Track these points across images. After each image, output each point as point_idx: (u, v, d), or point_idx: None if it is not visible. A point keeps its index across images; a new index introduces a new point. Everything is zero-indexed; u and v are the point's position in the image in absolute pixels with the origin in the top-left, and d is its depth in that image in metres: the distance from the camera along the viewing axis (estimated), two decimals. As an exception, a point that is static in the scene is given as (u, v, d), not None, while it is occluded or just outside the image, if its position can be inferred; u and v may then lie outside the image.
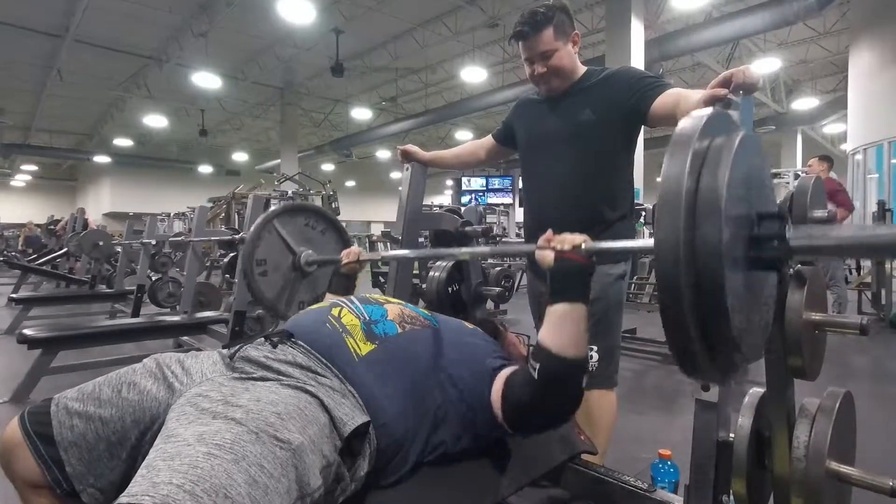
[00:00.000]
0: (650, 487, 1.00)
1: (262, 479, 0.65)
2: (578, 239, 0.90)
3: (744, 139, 0.58)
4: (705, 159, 0.57)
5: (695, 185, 0.55)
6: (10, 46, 9.32)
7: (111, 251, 5.55)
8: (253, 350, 0.90)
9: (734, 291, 0.55)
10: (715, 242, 0.53)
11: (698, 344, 0.57)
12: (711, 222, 0.54)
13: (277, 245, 1.60)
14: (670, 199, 0.55)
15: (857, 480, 0.83)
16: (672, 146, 0.58)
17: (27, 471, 0.80)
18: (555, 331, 0.88)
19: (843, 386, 0.90)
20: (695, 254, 0.54)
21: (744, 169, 0.58)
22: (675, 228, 0.54)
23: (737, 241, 0.57)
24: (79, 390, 0.86)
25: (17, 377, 2.63)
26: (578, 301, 0.88)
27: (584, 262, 0.89)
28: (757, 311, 0.64)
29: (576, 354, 0.87)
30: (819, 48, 10.24)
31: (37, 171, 21.00)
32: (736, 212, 0.56)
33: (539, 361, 0.87)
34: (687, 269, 0.54)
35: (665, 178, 0.56)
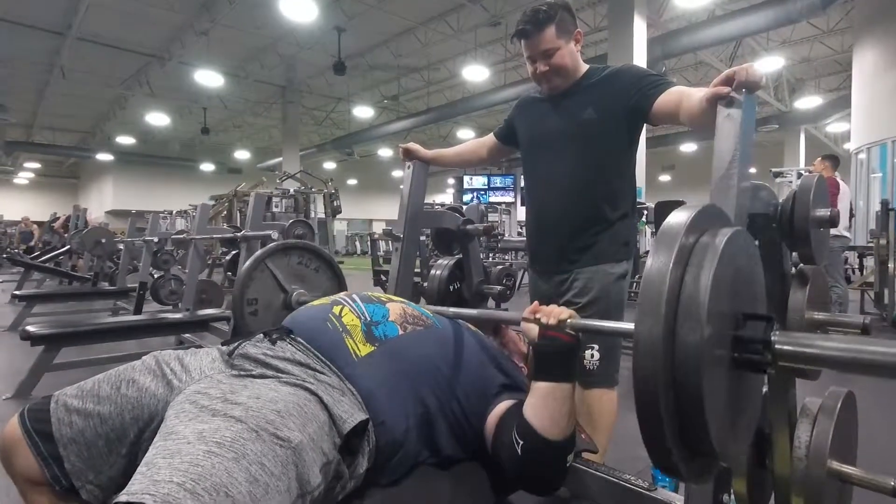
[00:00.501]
0: (651, 486, 1.00)
1: (262, 478, 0.65)
2: (565, 314, 0.87)
3: (733, 236, 0.57)
4: (690, 257, 0.56)
5: (679, 282, 0.54)
6: (12, 44, 9.34)
7: (113, 249, 5.57)
8: (252, 347, 0.90)
9: (714, 394, 0.54)
10: (696, 344, 0.52)
11: (675, 447, 0.55)
12: (693, 323, 0.52)
13: (270, 284, 1.60)
14: (652, 295, 0.54)
15: (858, 480, 0.83)
16: (658, 240, 0.57)
17: (27, 468, 0.80)
18: (539, 409, 0.85)
19: (845, 386, 0.90)
20: (674, 353, 0.53)
21: (731, 267, 0.57)
22: (655, 325, 0.53)
23: (719, 342, 0.56)
24: (78, 387, 0.86)
25: (20, 374, 2.64)
26: (562, 381, 0.86)
27: (568, 340, 0.86)
28: (741, 413, 0.63)
29: (558, 435, 0.84)
30: (822, 46, 10.21)
31: (39, 168, 21.06)
32: (720, 311, 0.55)
33: (522, 439, 0.84)
34: (665, 368, 0.53)
35: (648, 273, 0.56)
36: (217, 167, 19.01)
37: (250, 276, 1.56)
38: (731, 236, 0.57)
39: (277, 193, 8.78)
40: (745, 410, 0.64)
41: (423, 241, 4.39)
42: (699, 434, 0.55)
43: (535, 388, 0.87)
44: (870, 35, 6.83)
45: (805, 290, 0.87)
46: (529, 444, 0.84)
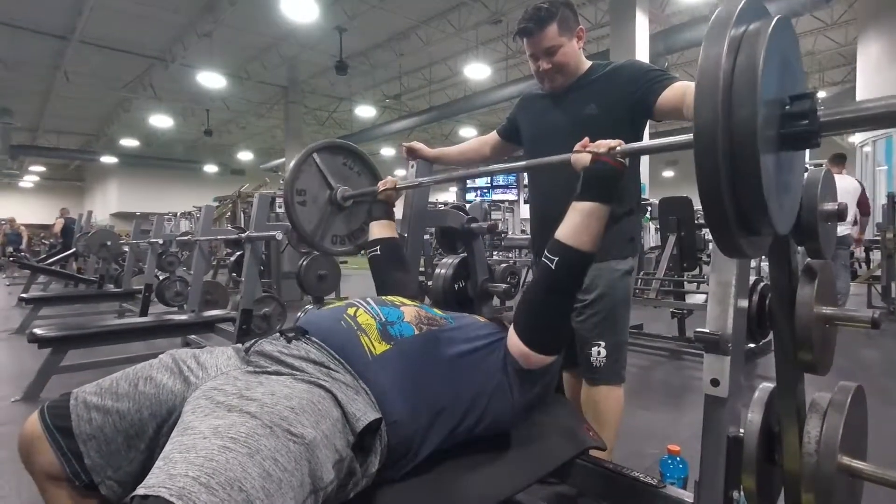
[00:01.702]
0: (659, 483, 1.00)
1: (276, 473, 0.66)
2: (613, 143, 0.96)
3: (778, 23, 0.60)
4: (741, 44, 0.59)
5: (731, 69, 0.57)
6: (17, 48, 9.39)
7: (119, 251, 5.60)
8: (268, 345, 0.91)
9: (768, 169, 0.58)
10: (750, 124, 0.55)
11: (734, 220, 0.60)
12: (748, 103, 0.56)
13: (317, 178, 1.63)
14: (708, 82, 0.57)
15: (868, 475, 0.82)
16: (710, 31, 0.60)
17: (47, 463, 0.81)
18: (579, 227, 0.96)
19: (855, 380, 0.89)
20: (732, 133, 0.56)
21: (778, 52, 0.60)
22: (713, 111, 0.56)
23: (771, 120, 0.59)
24: (97, 385, 0.87)
25: (29, 376, 2.66)
26: (605, 202, 0.96)
27: (617, 165, 0.96)
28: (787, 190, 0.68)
29: (591, 249, 0.97)
30: (826, 39, 10.13)
31: (45, 171, 21.20)
32: (770, 93, 0.58)
33: (557, 255, 0.95)
34: (724, 147, 0.56)
35: (703, 62, 0.58)
36: (220, 168, 19.07)
37: (300, 168, 1.59)
38: (775, 23, 0.60)
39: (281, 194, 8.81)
40: (791, 187, 0.69)
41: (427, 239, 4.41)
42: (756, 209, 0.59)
43: (578, 208, 0.97)
44: (874, 27, 6.77)
45: (813, 285, 0.86)
46: (566, 257, 0.95)
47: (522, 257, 7.57)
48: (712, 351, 0.82)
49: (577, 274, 0.98)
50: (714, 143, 0.57)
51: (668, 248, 4.24)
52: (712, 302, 0.84)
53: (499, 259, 6.56)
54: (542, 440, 1.07)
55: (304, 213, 1.59)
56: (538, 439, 1.06)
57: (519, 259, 7.41)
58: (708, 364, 0.82)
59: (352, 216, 1.70)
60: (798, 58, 0.70)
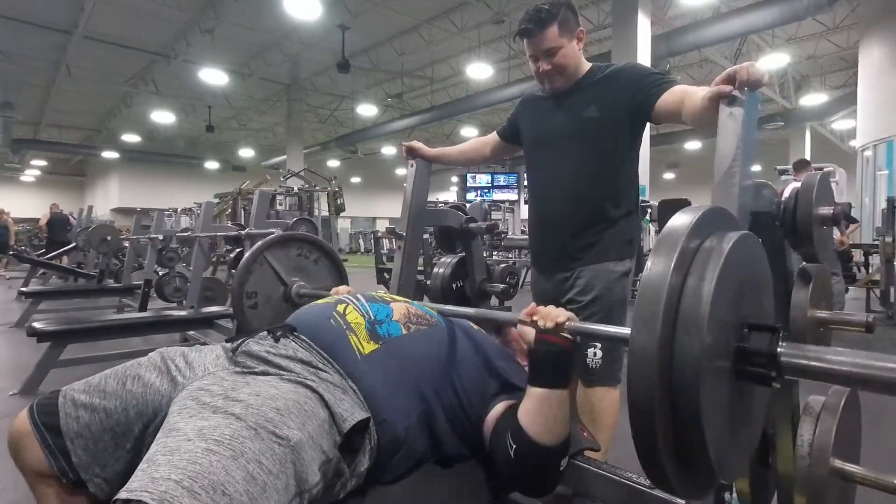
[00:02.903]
0: (652, 484, 1.00)
1: (260, 476, 0.65)
2: (562, 317, 0.84)
3: (739, 241, 0.54)
4: (693, 262, 0.53)
5: (679, 289, 0.51)
6: (19, 42, 9.40)
7: (119, 246, 5.60)
8: (255, 344, 0.91)
9: (713, 408, 0.51)
10: (695, 353, 0.49)
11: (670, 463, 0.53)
12: (693, 331, 0.50)
13: (269, 276, 1.59)
14: (650, 301, 0.51)
15: (861, 479, 0.83)
16: (658, 243, 0.54)
17: (35, 461, 0.82)
18: (532, 415, 0.84)
19: (849, 384, 0.90)
20: (672, 363, 0.50)
21: (736, 274, 0.54)
22: (652, 333, 0.50)
23: (721, 353, 0.53)
24: (85, 382, 0.87)
25: (27, 369, 2.66)
26: (557, 387, 0.84)
27: (565, 345, 0.84)
28: (743, 428, 0.60)
29: (551, 441, 0.83)
30: (828, 43, 10.12)
31: (46, 166, 21.18)
32: (722, 320, 0.52)
33: (515, 443, 0.84)
34: (661, 379, 0.50)
35: (646, 277, 0.52)
36: (222, 165, 19.06)
37: (249, 270, 1.56)
38: (736, 241, 0.54)
39: (281, 191, 8.82)
40: (747, 424, 0.61)
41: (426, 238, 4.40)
42: (696, 449, 0.52)
43: (531, 394, 0.86)
44: (876, 31, 6.76)
45: (808, 289, 0.87)
46: (522, 448, 0.83)
47: (522, 257, 7.57)
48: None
49: (536, 468, 0.85)
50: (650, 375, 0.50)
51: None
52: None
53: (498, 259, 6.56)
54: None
55: (255, 315, 1.54)
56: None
57: (519, 259, 7.41)
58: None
59: None
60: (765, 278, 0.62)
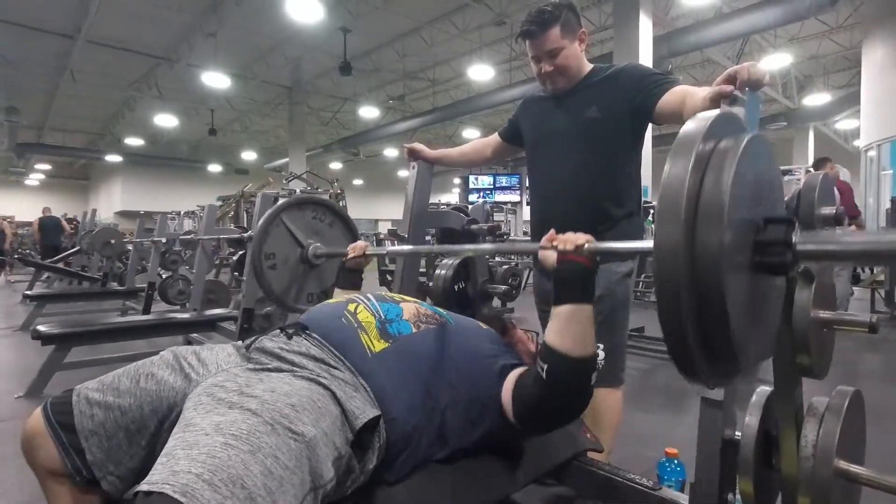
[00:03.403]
0: (655, 485, 1.00)
1: (277, 471, 0.66)
2: (581, 239, 0.90)
3: (751, 141, 0.56)
4: (709, 162, 0.55)
5: (697, 188, 0.54)
6: (23, 47, 9.45)
7: (123, 249, 5.62)
8: (268, 341, 0.92)
9: (735, 298, 0.54)
10: (716, 247, 0.52)
11: (697, 350, 0.55)
12: (713, 227, 0.52)
13: (286, 238, 1.61)
14: (671, 202, 0.53)
15: (866, 480, 0.82)
16: (675, 148, 0.56)
17: (49, 459, 0.82)
18: (561, 332, 0.88)
19: (854, 385, 0.89)
20: (695, 259, 0.52)
21: (750, 172, 0.56)
22: (676, 232, 0.53)
23: (740, 246, 0.55)
24: (99, 381, 0.88)
25: (32, 372, 2.68)
26: (583, 302, 0.89)
27: (587, 263, 0.88)
28: (761, 316, 0.62)
29: (582, 354, 0.87)
30: (831, 43, 10.09)
31: (50, 170, 21.30)
32: (740, 216, 0.54)
33: (546, 363, 0.87)
34: (687, 273, 0.53)
35: (666, 180, 0.55)
36: (224, 168, 19.12)
37: (266, 231, 1.57)
38: (749, 141, 0.56)
39: (284, 194, 8.83)
40: (766, 315, 0.64)
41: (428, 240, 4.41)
42: (721, 336, 0.55)
43: (557, 313, 0.90)
44: (879, 31, 6.74)
45: (811, 289, 0.86)
46: (554, 365, 0.87)
47: (524, 259, 7.56)
48: (708, 354, 0.82)
49: (570, 381, 0.89)
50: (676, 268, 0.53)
51: (670, 251, 4.22)
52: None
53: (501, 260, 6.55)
54: (540, 441, 1.07)
55: (274, 276, 1.57)
56: (535, 440, 1.06)
57: (521, 260, 7.40)
58: (704, 367, 0.82)
59: (325, 272, 1.69)
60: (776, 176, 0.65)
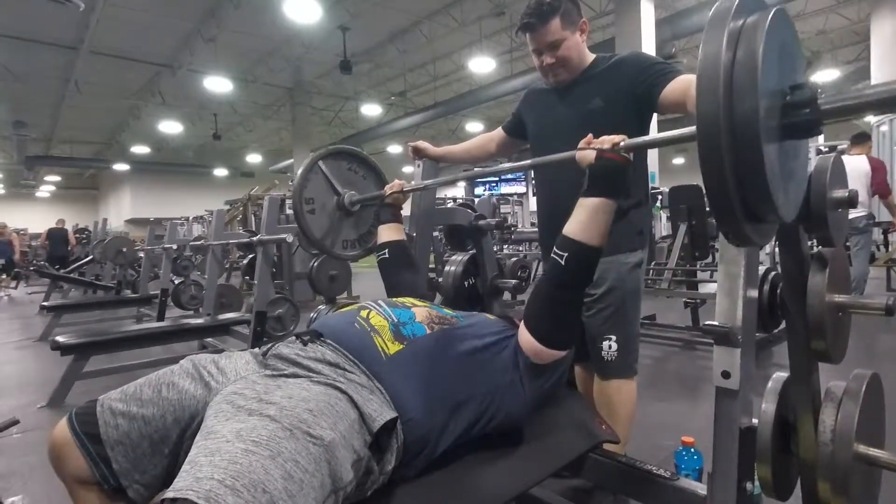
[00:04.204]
0: (673, 475, 1.00)
1: (297, 474, 0.67)
2: (617, 138, 0.96)
3: (776, 14, 0.61)
4: (740, 36, 0.59)
5: (731, 62, 0.58)
6: (28, 61, 9.56)
7: (134, 257, 5.70)
8: (284, 348, 0.94)
9: (771, 159, 0.59)
10: (751, 114, 0.56)
11: (740, 210, 0.61)
12: (749, 95, 0.56)
13: (323, 185, 1.66)
14: (708, 77, 0.58)
15: (886, 463, 0.81)
16: (709, 25, 0.61)
17: (77, 468, 0.84)
18: (587, 222, 0.96)
19: (871, 368, 0.89)
20: (734, 125, 0.57)
21: (776, 44, 0.60)
22: (714, 103, 0.57)
23: (772, 111, 0.60)
24: (122, 391, 0.90)
25: (53, 382, 2.73)
26: (612, 197, 0.97)
27: (622, 160, 0.96)
28: (793, 173, 0.68)
29: (601, 244, 0.97)
30: (839, 17, 9.89)
31: (60, 181, 21.57)
32: (771, 84, 0.59)
33: (566, 251, 0.96)
34: (727, 140, 0.57)
35: (703, 56, 0.59)
36: (230, 172, 19.25)
37: (306, 178, 1.62)
38: (773, 14, 0.60)
39: (290, 196, 8.87)
40: (796, 173, 0.70)
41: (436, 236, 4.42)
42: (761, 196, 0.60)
43: (585, 204, 0.97)
44: (888, 3, 6.60)
45: (825, 273, 0.85)
46: (574, 254, 0.96)
47: (533, 250, 7.54)
48: (722, 343, 0.82)
49: (586, 268, 0.98)
50: (717, 136, 0.58)
51: (679, 238, 4.19)
52: (721, 293, 0.83)
53: (509, 253, 6.55)
54: (556, 434, 1.08)
55: (313, 220, 1.62)
56: (551, 434, 1.07)
57: (529, 252, 7.38)
58: (718, 356, 0.82)
59: (360, 220, 1.73)
60: (797, 47, 0.70)
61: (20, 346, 4.32)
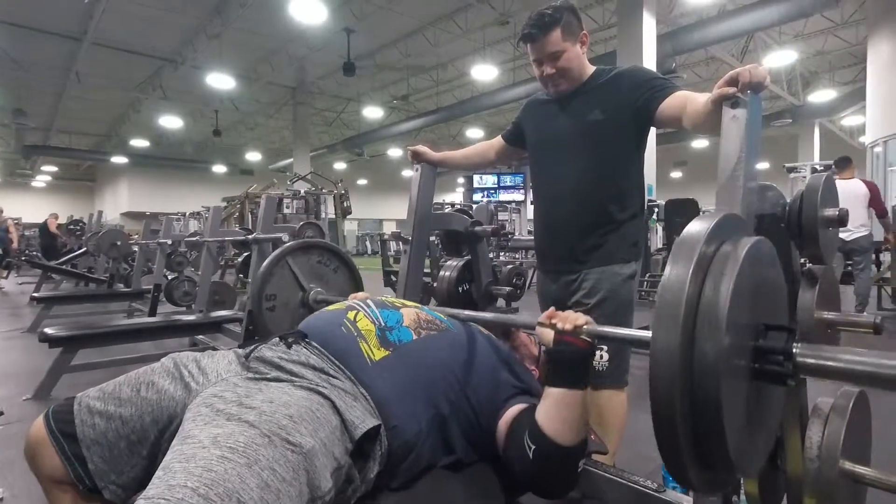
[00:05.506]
0: (660, 488, 1.00)
1: (273, 483, 0.66)
2: (581, 320, 0.87)
3: (754, 246, 0.56)
4: (710, 266, 0.55)
5: (697, 292, 0.53)
6: (30, 50, 9.54)
7: (128, 251, 5.66)
8: (268, 350, 0.91)
9: (733, 406, 0.53)
10: (714, 354, 0.51)
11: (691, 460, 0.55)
12: (712, 332, 0.51)
13: (289, 280, 1.61)
14: (670, 304, 0.53)
15: (871, 481, 0.82)
16: (676, 249, 0.56)
17: (52, 467, 0.83)
18: (552, 415, 0.85)
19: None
20: (692, 363, 0.52)
21: (752, 278, 0.55)
22: (673, 336, 0.52)
23: (739, 353, 0.55)
24: (100, 389, 0.88)
25: (40, 374, 2.70)
26: (576, 388, 0.85)
27: (583, 346, 0.86)
28: (760, 425, 0.61)
29: (572, 441, 0.84)
30: (836, 39, 10.02)
31: (57, 171, 21.45)
32: (740, 321, 0.54)
33: (534, 444, 0.85)
34: (682, 377, 0.52)
35: (665, 283, 0.54)
36: (229, 169, 19.21)
37: (270, 272, 1.57)
38: (751, 246, 0.56)
39: (288, 195, 8.86)
40: (764, 423, 0.62)
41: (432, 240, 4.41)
42: (716, 446, 0.53)
43: (549, 394, 0.87)
44: (885, 26, 6.69)
45: (814, 290, 0.86)
46: (541, 449, 0.84)
47: (529, 258, 7.55)
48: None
49: (555, 468, 0.85)
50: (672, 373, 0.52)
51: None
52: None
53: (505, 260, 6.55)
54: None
55: (273, 318, 1.56)
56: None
57: (525, 260, 7.39)
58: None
59: None
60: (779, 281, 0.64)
61: (8, 337, 4.28)
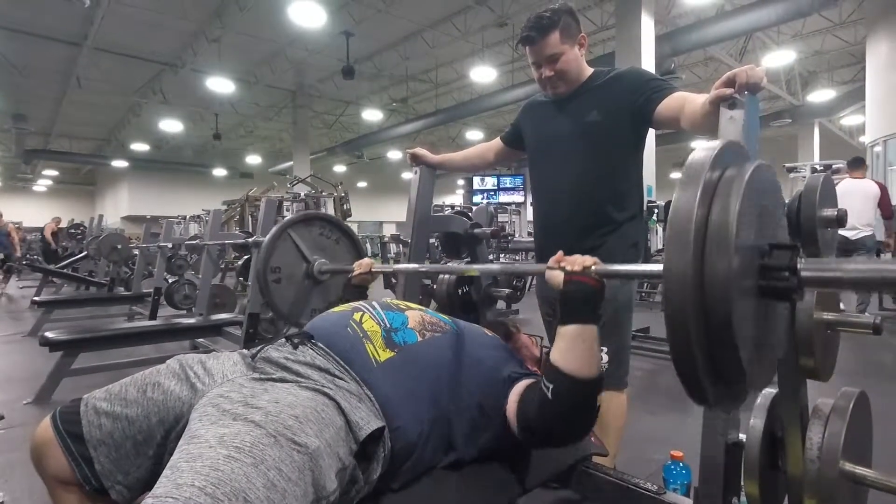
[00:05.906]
0: (660, 490, 1.00)
1: (279, 483, 0.67)
2: (589, 261, 0.90)
3: (756, 170, 0.58)
4: (716, 190, 0.56)
5: (705, 216, 0.55)
6: (31, 54, 9.56)
7: (129, 254, 5.67)
8: (274, 351, 0.92)
9: (743, 322, 0.55)
10: (724, 273, 0.53)
11: (706, 375, 0.56)
12: (721, 253, 0.53)
13: (292, 253, 1.61)
14: (680, 229, 0.55)
15: (872, 482, 0.82)
16: (683, 176, 0.58)
17: (58, 468, 0.83)
18: (567, 352, 0.87)
19: (859, 386, 0.89)
20: (703, 285, 0.53)
21: (755, 199, 0.57)
22: (685, 259, 0.54)
23: (747, 272, 0.56)
24: (106, 391, 0.89)
25: (41, 378, 2.70)
26: (589, 322, 0.88)
27: (594, 284, 0.89)
28: (767, 340, 0.63)
29: (588, 374, 0.86)
30: (835, 39, 10.02)
31: (57, 175, 21.48)
32: (746, 242, 0.56)
33: (552, 382, 0.86)
34: (695, 299, 0.54)
35: (675, 208, 0.56)
36: (229, 172, 19.23)
37: (273, 245, 1.58)
38: (754, 169, 0.58)
39: (288, 198, 8.86)
40: (771, 339, 0.65)
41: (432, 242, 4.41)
42: (729, 359, 0.56)
43: (563, 333, 0.89)
44: (883, 25, 6.70)
45: (814, 290, 0.86)
46: (560, 384, 0.86)
47: (529, 260, 7.56)
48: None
49: (576, 402, 0.88)
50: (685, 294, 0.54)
51: (674, 251, 4.19)
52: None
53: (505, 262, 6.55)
54: (545, 445, 1.07)
55: (279, 290, 1.58)
56: (540, 444, 1.06)
57: (526, 261, 7.40)
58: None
59: (329, 288, 1.69)
60: (779, 204, 0.66)
61: (9, 341, 4.29)
